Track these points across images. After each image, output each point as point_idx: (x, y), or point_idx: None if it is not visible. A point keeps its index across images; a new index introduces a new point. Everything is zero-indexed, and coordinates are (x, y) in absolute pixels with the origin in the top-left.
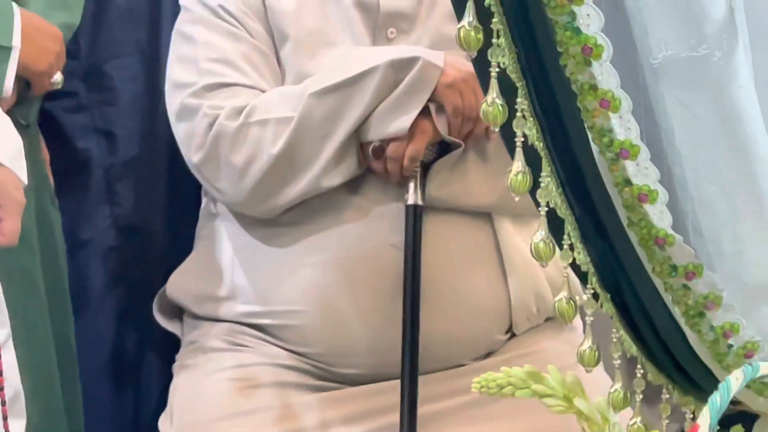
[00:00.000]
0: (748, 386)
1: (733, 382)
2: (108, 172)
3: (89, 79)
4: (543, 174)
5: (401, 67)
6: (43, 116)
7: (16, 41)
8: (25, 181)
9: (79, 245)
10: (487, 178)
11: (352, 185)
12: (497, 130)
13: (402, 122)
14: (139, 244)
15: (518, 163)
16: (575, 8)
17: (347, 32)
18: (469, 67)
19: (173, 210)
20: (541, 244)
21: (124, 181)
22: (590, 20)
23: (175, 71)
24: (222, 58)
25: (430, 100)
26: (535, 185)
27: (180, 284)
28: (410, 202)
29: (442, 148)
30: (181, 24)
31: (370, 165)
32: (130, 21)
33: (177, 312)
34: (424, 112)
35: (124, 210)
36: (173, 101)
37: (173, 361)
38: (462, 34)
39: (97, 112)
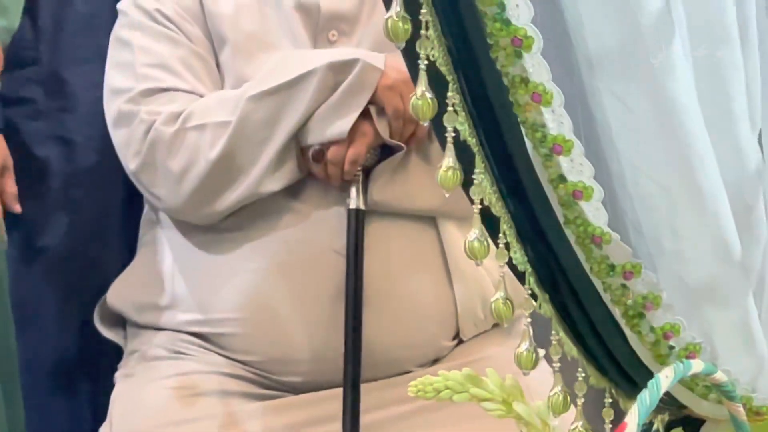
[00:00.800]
0: (690, 389)
1: (663, 380)
2: (66, 180)
3: (48, 85)
4: (476, 171)
5: (341, 69)
6: (6, 123)
7: None
8: None
9: (37, 252)
10: (430, 181)
11: (293, 190)
12: (426, 124)
13: (342, 125)
14: (97, 252)
15: (449, 159)
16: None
17: (287, 35)
18: None
19: (131, 218)
20: (476, 243)
21: (83, 188)
22: (519, 11)
23: (112, 77)
24: (159, 62)
25: (370, 102)
26: (469, 182)
27: (121, 293)
28: (352, 206)
29: (384, 151)
30: (119, 29)
31: (310, 169)
32: (92, 27)
33: (119, 320)
34: (365, 114)
35: (82, 217)
36: (111, 107)
37: None
38: (390, 25)
39: (56, 119)
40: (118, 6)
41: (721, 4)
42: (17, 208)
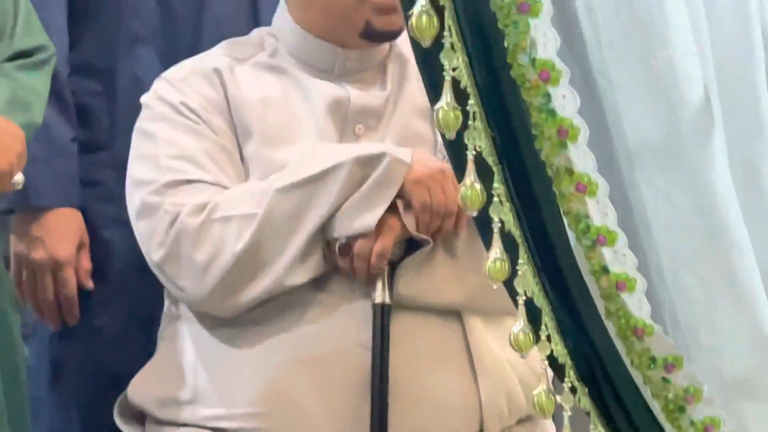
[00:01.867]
0: None
1: None
2: (127, 263)
3: (121, 171)
4: (520, 261)
5: (368, 163)
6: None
7: None
8: None
9: (91, 332)
10: (456, 276)
11: (318, 283)
12: (474, 214)
13: (369, 219)
14: (149, 338)
15: (496, 250)
16: (550, 89)
17: (314, 128)
18: (437, 163)
19: None
20: (521, 335)
21: (141, 272)
22: (566, 102)
23: (135, 169)
24: (183, 154)
25: (397, 196)
26: (512, 274)
27: (142, 388)
28: (377, 300)
29: (410, 245)
30: (142, 121)
31: (336, 262)
32: None
33: (139, 417)
34: (392, 208)
35: (137, 301)
36: (134, 199)
37: None
38: (441, 115)
39: (124, 203)
40: (142, 99)
41: (755, 94)
42: (90, 284)
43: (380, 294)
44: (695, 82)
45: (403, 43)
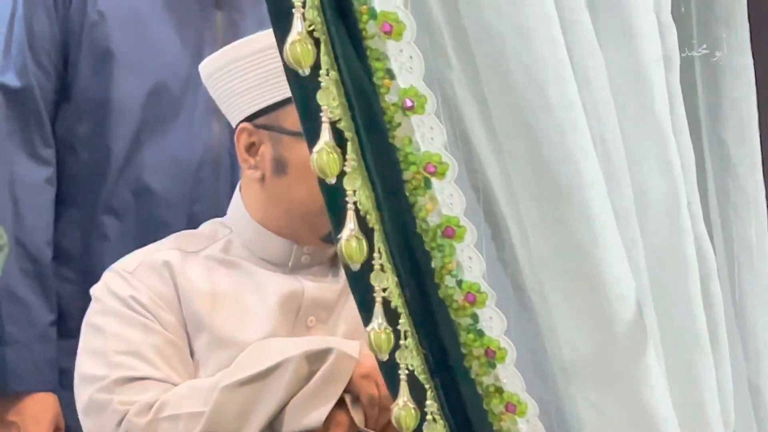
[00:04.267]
0: None
1: None
2: None
3: None
4: None
5: (316, 358)
6: None
7: None
8: None
9: None
10: None
11: None
12: None
13: (317, 415)
14: None
15: None
16: (477, 310)
17: (266, 321)
18: None
19: None
20: None
21: None
22: (493, 323)
23: (83, 364)
24: (133, 350)
25: (345, 391)
26: None
27: None
28: None
29: None
30: (91, 315)
31: None
32: None
33: None
34: (340, 403)
35: None
36: (82, 395)
37: None
38: (373, 337)
39: None
40: (92, 291)
41: (691, 311)
42: None
43: None
44: (628, 297)
45: None
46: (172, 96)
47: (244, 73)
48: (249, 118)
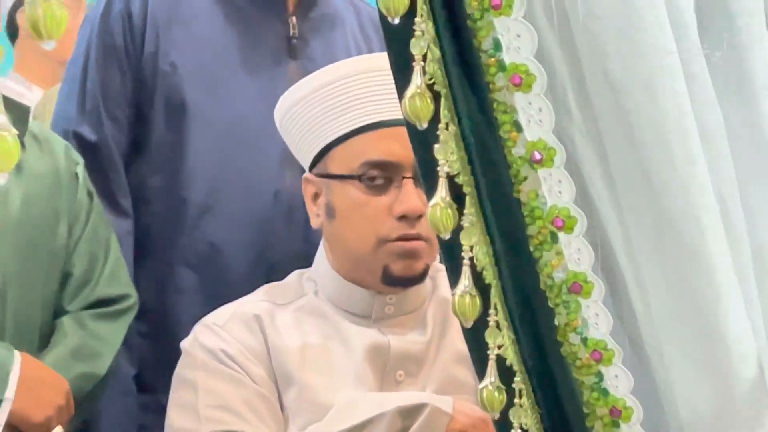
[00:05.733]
0: None
1: None
2: None
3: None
4: None
5: (408, 413)
6: None
7: (9, 393)
8: None
9: None
10: None
11: None
12: None
13: None
14: None
15: None
16: (603, 369)
17: (353, 375)
18: (479, 412)
19: None
20: None
21: None
22: (618, 381)
23: (174, 418)
24: (223, 404)
25: None
26: None
27: None
28: None
29: None
30: (182, 368)
31: None
32: None
33: None
34: None
35: None
36: None
37: None
38: (485, 395)
39: None
40: (182, 345)
41: None
42: None
43: None
44: (750, 357)
45: (445, 285)
46: (245, 146)
47: (295, 122)
48: (310, 167)
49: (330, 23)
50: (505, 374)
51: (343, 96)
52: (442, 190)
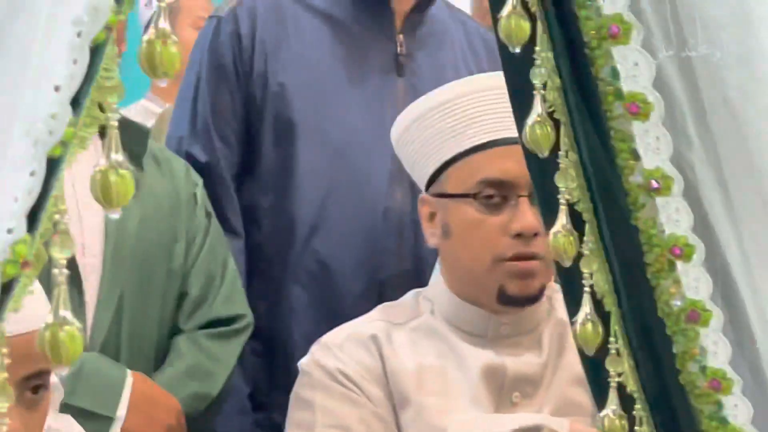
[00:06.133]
0: None
1: None
2: None
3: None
4: None
5: None
6: None
7: (121, 412)
8: None
9: None
10: None
11: None
12: None
13: None
14: None
15: None
16: (722, 398)
17: (468, 396)
18: None
19: None
20: None
21: None
22: (738, 411)
23: None
24: (340, 424)
25: None
26: None
27: None
28: None
29: None
30: (299, 388)
31: None
32: None
33: None
34: None
35: None
36: None
37: None
38: (606, 423)
39: None
40: (300, 364)
41: None
42: None
43: None
44: None
45: (562, 307)
46: (354, 164)
47: (411, 142)
48: (426, 187)
49: (438, 41)
50: (626, 402)
51: (458, 116)
52: (563, 218)
